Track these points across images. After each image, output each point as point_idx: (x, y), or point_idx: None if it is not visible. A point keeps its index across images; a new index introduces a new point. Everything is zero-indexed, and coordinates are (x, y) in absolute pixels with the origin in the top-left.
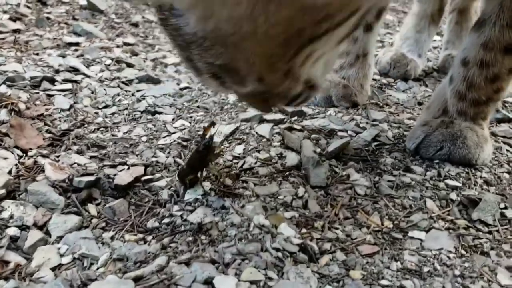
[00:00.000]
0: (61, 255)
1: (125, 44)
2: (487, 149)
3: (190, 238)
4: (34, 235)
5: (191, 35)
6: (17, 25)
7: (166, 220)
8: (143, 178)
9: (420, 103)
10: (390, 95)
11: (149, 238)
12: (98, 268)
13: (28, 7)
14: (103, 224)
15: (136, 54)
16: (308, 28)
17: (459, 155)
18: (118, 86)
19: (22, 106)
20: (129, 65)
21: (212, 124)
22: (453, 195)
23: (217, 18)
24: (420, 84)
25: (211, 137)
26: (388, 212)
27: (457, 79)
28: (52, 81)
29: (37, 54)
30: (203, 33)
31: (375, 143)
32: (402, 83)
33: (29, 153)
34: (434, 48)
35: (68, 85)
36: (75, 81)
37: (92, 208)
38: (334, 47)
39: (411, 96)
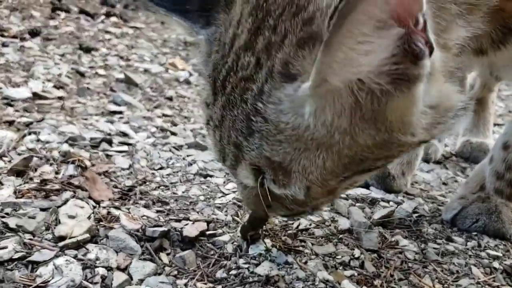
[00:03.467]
0: None
1: (164, 115)
2: None
3: None
4: (119, 276)
5: (276, 121)
6: (61, 93)
7: (233, 272)
8: (207, 233)
9: (444, 183)
10: (416, 175)
11: (219, 287)
12: None
13: (69, 77)
14: (175, 272)
15: (176, 124)
16: (370, 161)
17: (493, 228)
18: (170, 150)
19: (87, 163)
20: (173, 133)
21: None
22: (495, 264)
23: (326, 114)
24: (441, 167)
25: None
26: (437, 276)
27: (497, 160)
28: (109, 142)
29: (86, 119)
30: (281, 122)
31: (415, 214)
32: (425, 164)
33: (102, 204)
34: (450, 135)
35: (124, 147)
36: (130, 144)
37: (164, 257)
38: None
39: (436, 176)
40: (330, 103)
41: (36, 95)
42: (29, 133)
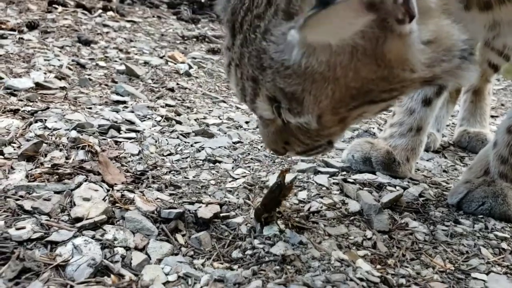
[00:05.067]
0: (166, 274)
1: (167, 105)
2: None
3: (277, 267)
4: (138, 256)
5: (280, 60)
6: (63, 83)
7: (249, 252)
8: (221, 215)
9: (445, 171)
10: (417, 163)
11: (235, 266)
12: (201, 287)
13: (70, 69)
14: (192, 253)
15: (179, 114)
16: (375, 92)
17: (499, 211)
18: (178, 137)
19: (97, 148)
20: (178, 122)
21: (288, 169)
22: (504, 245)
23: (317, 55)
24: (440, 156)
25: (284, 177)
26: (448, 256)
27: (501, 144)
28: (118, 129)
29: (90, 108)
30: (291, 59)
31: (422, 198)
32: (425, 153)
33: (115, 188)
34: (447, 126)
35: (133, 134)
36: (138, 131)
37: (180, 238)
38: (374, 115)
39: (436, 165)
40: (322, 46)
41: (38, 85)
42: (36, 121)
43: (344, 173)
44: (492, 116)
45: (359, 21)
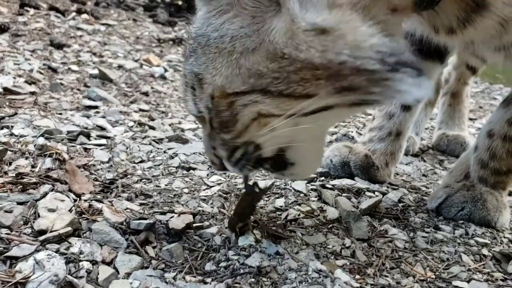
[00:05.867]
0: None
1: (141, 110)
2: (506, 215)
3: (253, 279)
4: (105, 270)
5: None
6: (33, 88)
7: (223, 264)
8: (194, 225)
9: (424, 175)
10: (397, 167)
11: (208, 280)
12: None
13: (41, 73)
14: (163, 266)
15: (153, 119)
16: (267, 78)
17: (479, 216)
18: (150, 143)
19: (65, 156)
20: (151, 127)
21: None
22: (484, 251)
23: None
24: (419, 159)
25: (255, 182)
26: (428, 264)
27: (481, 148)
28: (87, 136)
29: (60, 114)
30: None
31: (401, 204)
32: (404, 157)
33: (83, 197)
34: (426, 129)
35: (103, 141)
36: (108, 137)
37: (150, 250)
38: (282, 118)
39: (415, 168)
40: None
41: (7, 90)
42: (1, 128)
43: (323, 178)
44: (470, 119)
45: None
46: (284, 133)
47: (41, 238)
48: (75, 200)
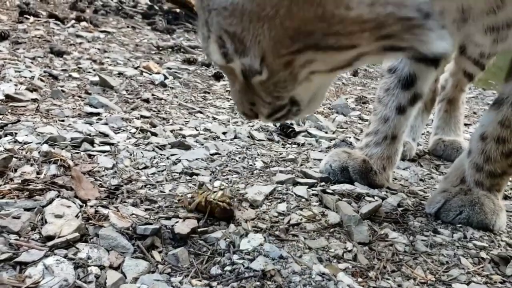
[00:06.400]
0: None
1: (142, 116)
2: (503, 218)
3: (257, 283)
4: (113, 275)
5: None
6: (34, 95)
7: (228, 268)
8: (198, 230)
9: (422, 180)
10: (394, 172)
11: (214, 283)
12: None
13: (42, 80)
14: (169, 270)
15: (155, 126)
16: (317, 35)
17: (477, 220)
18: (153, 150)
19: (70, 162)
20: (153, 134)
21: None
22: (483, 254)
23: None
24: (416, 164)
25: None
26: (428, 267)
27: (475, 152)
28: (91, 142)
29: (63, 120)
30: (226, 3)
31: (400, 208)
32: (401, 162)
33: (89, 203)
34: (422, 134)
35: (107, 147)
36: (112, 144)
37: (156, 255)
38: (329, 72)
39: (413, 173)
40: None
41: (9, 97)
42: (5, 135)
43: (323, 183)
44: (465, 124)
45: None
46: (318, 86)
47: (49, 243)
48: (81, 206)
